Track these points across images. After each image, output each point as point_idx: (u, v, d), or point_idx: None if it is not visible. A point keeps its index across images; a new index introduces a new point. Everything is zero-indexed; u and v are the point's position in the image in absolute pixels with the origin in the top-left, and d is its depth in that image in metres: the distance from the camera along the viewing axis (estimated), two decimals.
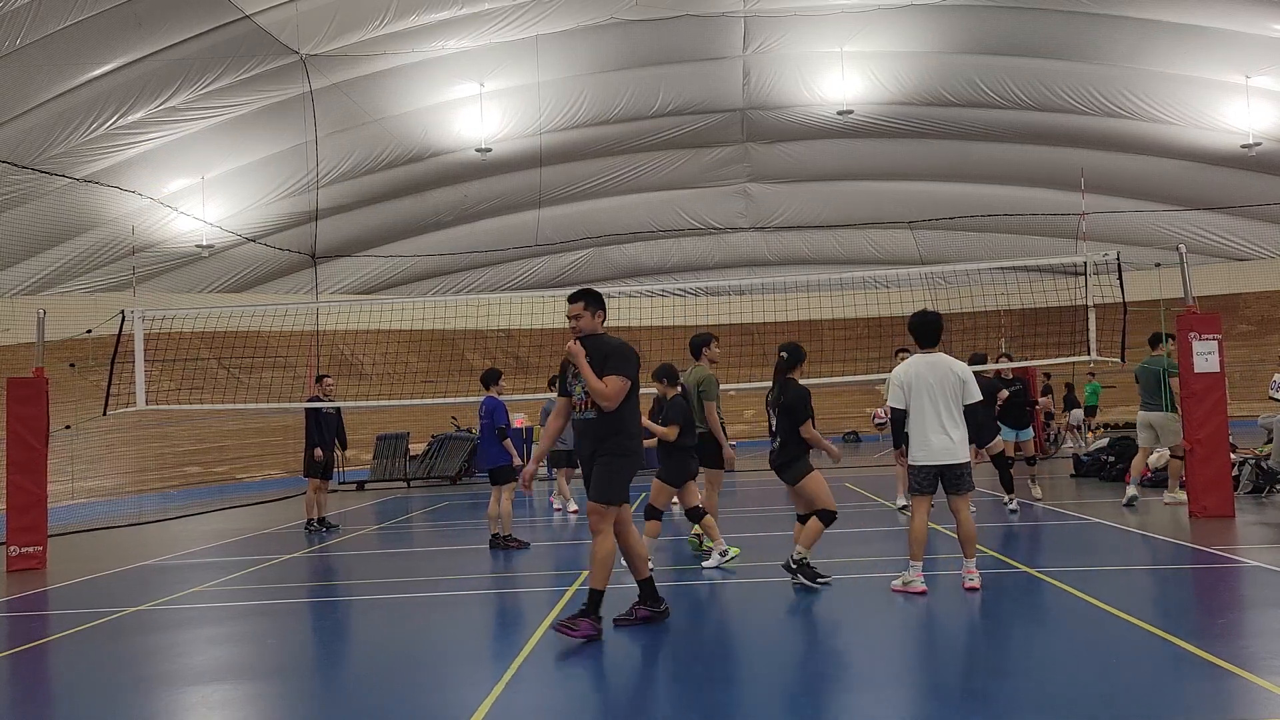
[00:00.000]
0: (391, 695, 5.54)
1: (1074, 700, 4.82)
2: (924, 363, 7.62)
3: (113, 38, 19.30)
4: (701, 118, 29.42)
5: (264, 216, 27.57)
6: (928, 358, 7.65)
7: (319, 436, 14.34)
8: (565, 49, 25.36)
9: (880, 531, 11.10)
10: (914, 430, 7.56)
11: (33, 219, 23.02)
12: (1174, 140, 28.93)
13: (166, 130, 22.92)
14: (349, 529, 14.55)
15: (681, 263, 36.49)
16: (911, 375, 7.59)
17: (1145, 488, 14.53)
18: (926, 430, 7.49)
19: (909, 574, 7.54)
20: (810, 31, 26.09)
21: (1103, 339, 14.74)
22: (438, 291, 33.56)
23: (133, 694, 5.87)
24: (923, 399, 7.50)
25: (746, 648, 6.48)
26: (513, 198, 31.26)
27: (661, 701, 5.25)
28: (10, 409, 12.17)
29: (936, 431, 7.46)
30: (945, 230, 34.34)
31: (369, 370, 29.04)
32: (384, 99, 25.48)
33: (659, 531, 9.29)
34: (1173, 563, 8.71)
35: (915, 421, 7.55)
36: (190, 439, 25.10)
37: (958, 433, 7.51)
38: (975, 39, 26.15)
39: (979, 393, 7.68)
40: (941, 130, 30.01)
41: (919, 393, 7.52)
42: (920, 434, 7.52)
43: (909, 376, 7.60)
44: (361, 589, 9.51)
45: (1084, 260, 15.09)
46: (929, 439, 7.48)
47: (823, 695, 5.25)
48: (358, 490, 22.75)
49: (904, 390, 7.59)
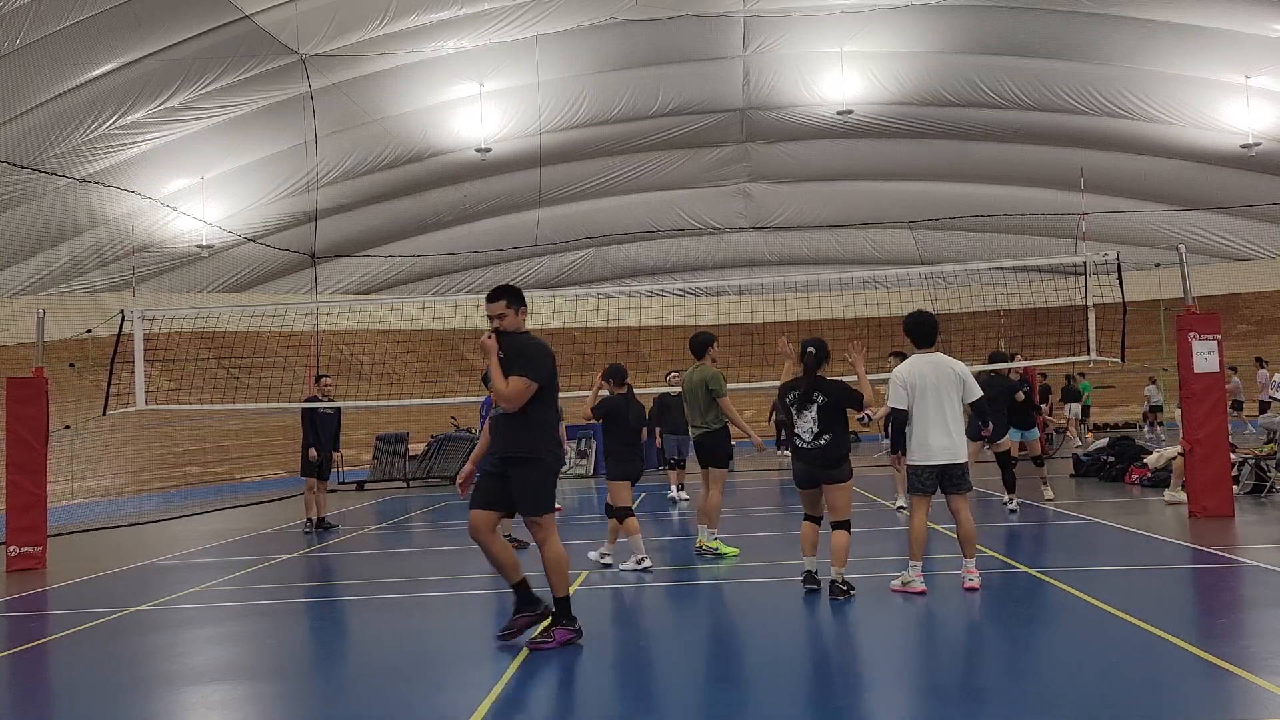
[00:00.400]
0: (391, 695, 5.54)
1: (1074, 700, 4.82)
2: (925, 362, 7.61)
3: (113, 38, 19.30)
4: (701, 118, 29.41)
5: (264, 216, 27.58)
6: (928, 357, 7.64)
7: (314, 437, 14.29)
8: (565, 49, 25.36)
9: (879, 531, 11.10)
10: (915, 430, 7.54)
11: (33, 219, 23.02)
12: (1174, 140, 28.93)
13: (166, 130, 22.92)
14: (349, 529, 14.55)
15: (681, 263, 36.49)
16: (915, 375, 7.57)
17: (1146, 488, 14.55)
18: (928, 431, 7.47)
19: (909, 574, 7.53)
20: (810, 31, 26.09)
21: (1102, 339, 14.74)
22: (438, 291, 33.56)
23: (133, 694, 5.87)
24: (926, 399, 7.49)
25: (746, 648, 6.48)
26: (512, 198, 31.26)
27: (662, 702, 5.25)
28: (10, 409, 12.16)
29: (938, 432, 7.44)
30: (945, 230, 34.33)
31: (369, 370, 29.04)
32: (384, 99, 25.48)
33: (638, 527, 9.30)
34: (1173, 563, 8.71)
35: (918, 422, 7.52)
36: (190, 439, 25.09)
37: (958, 433, 7.51)
38: (975, 39, 26.14)
39: (979, 389, 7.66)
40: (941, 130, 30.00)
41: (923, 393, 7.49)
42: (921, 434, 7.50)
43: (912, 376, 7.57)
44: (361, 589, 9.51)
45: (1084, 260, 15.09)
46: (929, 440, 7.46)
47: (823, 695, 5.25)
48: (357, 490, 22.75)
49: (908, 390, 7.55)
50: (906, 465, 7.84)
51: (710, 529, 9.81)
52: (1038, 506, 12.73)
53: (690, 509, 13.82)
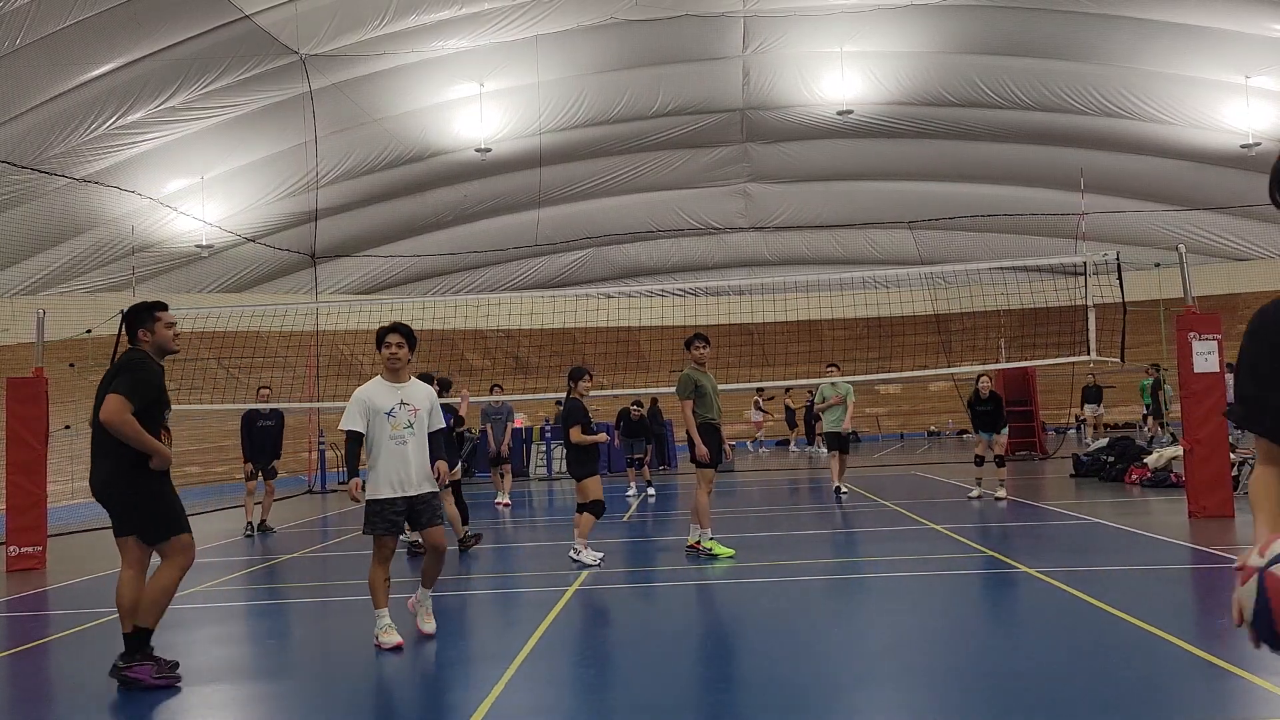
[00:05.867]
0: (391, 695, 5.54)
1: (1074, 700, 4.82)
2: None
3: (113, 38, 19.30)
4: (701, 118, 29.41)
5: (264, 216, 27.58)
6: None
7: (249, 449, 14.41)
8: (565, 49, 25.36)
9: (880, 532, 11.10)
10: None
11: (33, 219, 23.03)
12: (1173, 140, 28.93)
13: (166, 130, 22.93)
14: (347, 528, 14.55)
15: (681, 263, 36.49)
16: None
17: (1145, 488, 14.55)
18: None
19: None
20: (810, 31, 26.09)
21: (1102, 339, 14.74)
22: (438, 291, 33.57)
23: (132, 694, 5.87)
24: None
25: (746, 648, 6.48)
26: (512, 198, 31.26)
27: (662, 702, 5.25)
28: (10, 409, 12.16)
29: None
30: (945, 230, 34.33)
31: (369, 370, 29.01)
32: (384, 99, 25.48)
33: (591, 525, 9.71)
34: (1173, 563, 8.70)
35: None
36: (190, 439, 25.08)
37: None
38: (975, 39, 26.15)
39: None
40: (941, 130, 30.01)
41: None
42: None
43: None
44: (361, 589, 9.48)
45: (1084, 260, 15.10)
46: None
47: (822, 695, 5.24)
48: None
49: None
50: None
51: (701, 528, 9.85)
52: (1032, 505, 12.80)
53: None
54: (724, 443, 10.16)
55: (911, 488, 16.02)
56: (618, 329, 31.52)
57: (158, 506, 6.02)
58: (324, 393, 25.68)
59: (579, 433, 9.86)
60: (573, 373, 10.18)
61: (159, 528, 6.03)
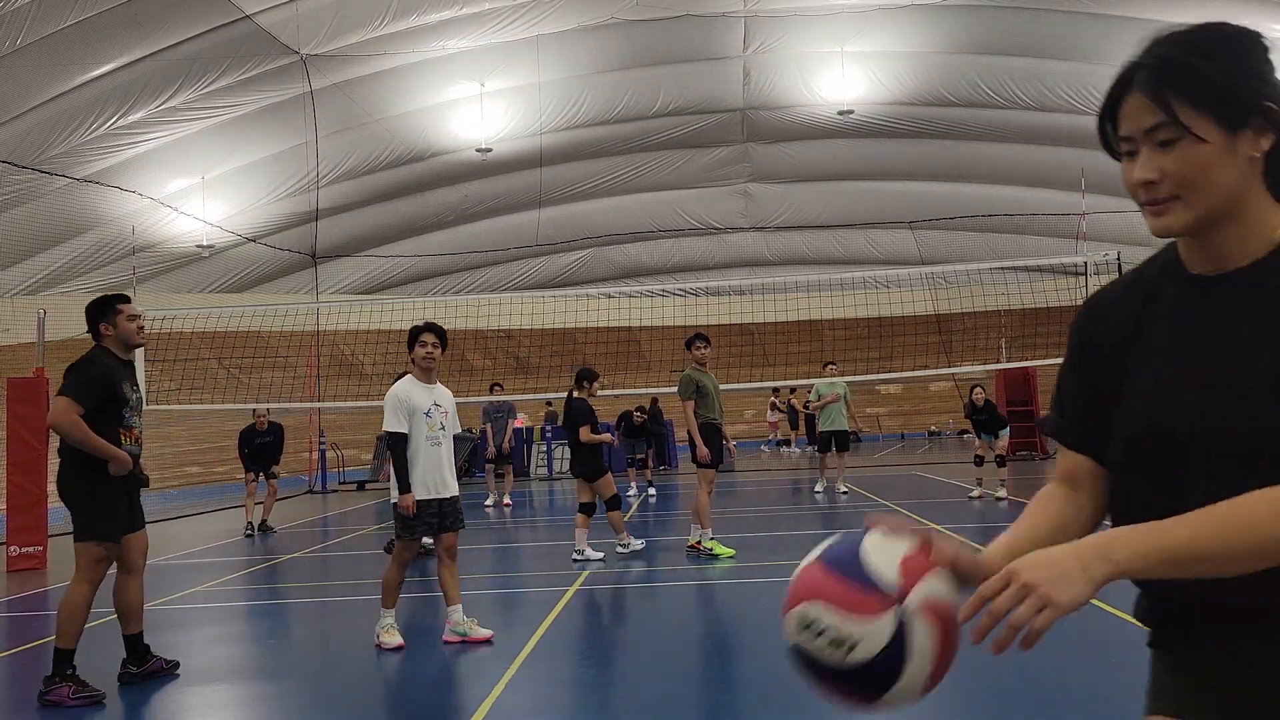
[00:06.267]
0: (392, 695, 5.53)
1: (1074, 700, 4.82)
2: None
3: (113, 38, 19.29)
4: (701, 118, 29.40)
5: (264, 216, 27.57)
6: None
7: (247, 461, 14.67)
8: (566, 49, 25.35)
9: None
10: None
11: (33, 219, 23.01)
12: None
13: (166, 130, 22.92)
14: (347, 528, 14.56)
15: (681, 263, 36.48)
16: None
17: None
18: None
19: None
20: (810, 31, 26.08)
21: None
22: (438, 291, 33.55)
23: (132, 694, 5.87)
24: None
25: (746, 648, 6.48)
26: (513, 198, 31.25)
27: (662, 702, 5.25)
28: (10, 409, 12.17)
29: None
30: (945, 230, 34.32)
31: (369, 370, 29.03)
32: (384, 99, 25.47)
33: (589, 523, 9.81)
34: None
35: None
36: (190, 439, 25.09)
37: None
38: (975, 39, 26.13)
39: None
40: (942, 130, 29.99)
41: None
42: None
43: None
44: (361, 589, 9.50)
45: (1084, 260, 15.09)
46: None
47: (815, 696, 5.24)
48: (358, 490, 22.75)
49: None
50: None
51: (702, 528, 9.85)
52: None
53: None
54: (726, 442, 10.18)
55: (912, 488, 16.03)
56: (618, 329, 31.54)
57: (88, 503, 5.75)
58: (324, 393, 25.70)
59: (588, 432, 9.82)
60: (584, 374, 10.14)
61: (77, 526, 5.80)
